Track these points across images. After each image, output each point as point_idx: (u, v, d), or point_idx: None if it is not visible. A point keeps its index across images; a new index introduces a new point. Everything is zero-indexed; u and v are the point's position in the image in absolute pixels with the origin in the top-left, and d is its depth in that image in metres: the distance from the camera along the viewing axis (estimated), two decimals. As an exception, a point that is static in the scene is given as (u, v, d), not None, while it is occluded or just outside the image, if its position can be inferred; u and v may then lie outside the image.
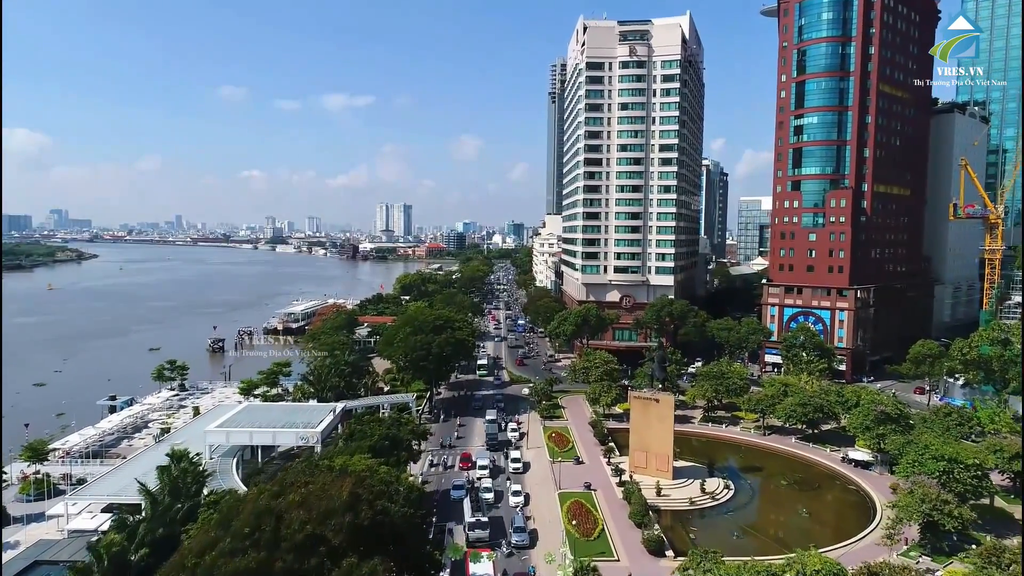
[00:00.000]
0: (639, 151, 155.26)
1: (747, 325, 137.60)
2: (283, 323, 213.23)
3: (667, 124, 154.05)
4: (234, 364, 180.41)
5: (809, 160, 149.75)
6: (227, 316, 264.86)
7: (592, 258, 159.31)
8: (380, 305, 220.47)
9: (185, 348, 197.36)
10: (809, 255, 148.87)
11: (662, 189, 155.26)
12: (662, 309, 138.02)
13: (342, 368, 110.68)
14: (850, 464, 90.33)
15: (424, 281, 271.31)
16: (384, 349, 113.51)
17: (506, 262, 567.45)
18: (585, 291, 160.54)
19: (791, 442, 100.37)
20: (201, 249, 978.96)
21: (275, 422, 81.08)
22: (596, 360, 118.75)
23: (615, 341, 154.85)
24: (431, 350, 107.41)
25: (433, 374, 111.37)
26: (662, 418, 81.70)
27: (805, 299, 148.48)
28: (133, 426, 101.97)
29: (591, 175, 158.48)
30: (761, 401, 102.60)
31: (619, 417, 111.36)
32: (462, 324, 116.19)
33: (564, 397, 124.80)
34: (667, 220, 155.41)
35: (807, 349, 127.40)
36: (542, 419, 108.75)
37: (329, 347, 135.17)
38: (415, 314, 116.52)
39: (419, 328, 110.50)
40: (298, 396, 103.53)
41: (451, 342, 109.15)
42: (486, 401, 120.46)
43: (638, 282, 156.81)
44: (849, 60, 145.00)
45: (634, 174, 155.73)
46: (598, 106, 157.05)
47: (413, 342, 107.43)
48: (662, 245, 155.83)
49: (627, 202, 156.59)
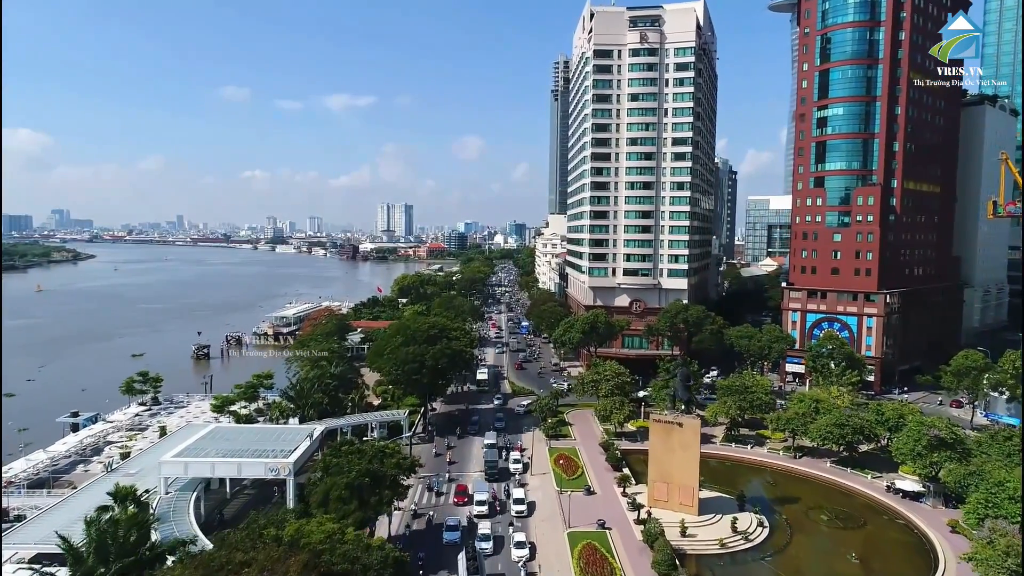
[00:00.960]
0: (650, 145, 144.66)
1: (768, 333, 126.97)
2: (274, 328, 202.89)
3: (681, 116, 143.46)
4: (220, 372, 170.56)
5: (834, 154, 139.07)
6: (219, 319, 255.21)
7: (600, 260, 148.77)
8: (376, 309, 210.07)
9: (169, 354, 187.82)
10: (834, 256, 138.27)
11: (675, 186, 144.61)
12: (677, 315, 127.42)
13: (327, 382, 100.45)
14: (897, 495, 79.84)
15: (423, 283, 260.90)
16: (373, 361, 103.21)
17: (508, 262, 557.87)
18: (592, 295, 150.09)
19: (826, 466, 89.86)
20: (201, 249, 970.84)
21: (243, 449, 70.71)
22: (606, 372, 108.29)
23: (624, 349, 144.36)
24: (425, 363, 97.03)
25: (427, 389, 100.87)
26: (686, 445, 71.26)
27: (829, 304, 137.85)
28: (93, 447, 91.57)
29: (599, 171, 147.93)
30: (791, 420, 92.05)
31: (632, 436, 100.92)
32: (459, 334, 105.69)
33: (571, 411, 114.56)
34: (680, 219, 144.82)
35: (835, 359, 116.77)
36: (547, 438, 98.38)
37: (314, 358, 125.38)
38: (407, 322, 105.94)
39: (412, 338, 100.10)
40: (275, 415, 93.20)
41: (447, 354, 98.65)
42: (485, 417, 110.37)
43: (649, 286, 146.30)
44: (878, 46, 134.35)
45: (645, 170, 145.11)
46: (606, 97, 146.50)
47: (405, 354, 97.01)
48: (675, 246, 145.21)
49: (637, 200, 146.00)
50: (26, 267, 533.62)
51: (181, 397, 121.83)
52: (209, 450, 70.06)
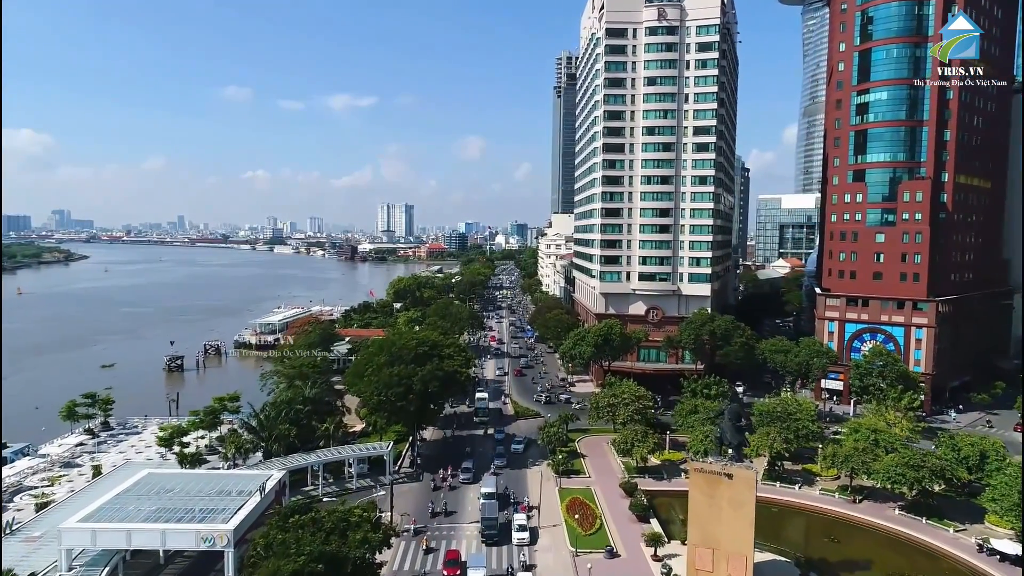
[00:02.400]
0: (669, 135, 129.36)
1: (807, 347, 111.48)
2: (257, 335, 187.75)
3: (704, 102, 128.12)
4: (194, 386, 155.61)
5: (877, 145, 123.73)
6: (204, 324, 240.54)
7: (612, 263, 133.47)
8: (367, 315, 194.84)
9: (142, 365, 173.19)
10: (876, 259, 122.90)
11: (697, 180, 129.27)
12: (702, 326, 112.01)
13: (297, 408, 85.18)
14: (992, 556, 64.60)
15: (419, 286, 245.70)
16: (353, 383, 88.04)
17: (509, 263, 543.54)
18: (603, 302, 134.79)
19: (894, 514, 74.52)
20: (198, 250, 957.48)
21: (174, 509, 55.62)
22: (624, 394, 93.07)
23: (640, 362, 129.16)
24: (412, 386, 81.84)
25: (415, 417, 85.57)
26: (738, 502, 56.04)
27: (872, 313, 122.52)
28: (14, 490, 76.33)
29: (611, 164, 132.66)
30: (850, 458, 76.73)
31: (657, 472, 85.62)
32: (454, 351, 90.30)
33: (582, 437, 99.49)
34: (703, 218, 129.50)
35: (887, 378, 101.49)
36: (557, 476, 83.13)
37: (292, 374, 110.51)
38: (393, 338, 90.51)
39: (397, 357, 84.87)
40: (231, 451, 77.97)
41: (438, 376, 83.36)
42: (482, 448, 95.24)
43: (668, 292, 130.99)
44: (927, 22, 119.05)
45: (663, 162, 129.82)
46: (619, 81, 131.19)
47: (388, 376, 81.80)
48: (697, 248, 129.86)
49: (655, 196, 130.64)
50: (15, 268, 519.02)
51: (136, 421, 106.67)
52: (131, 509, 54.96)
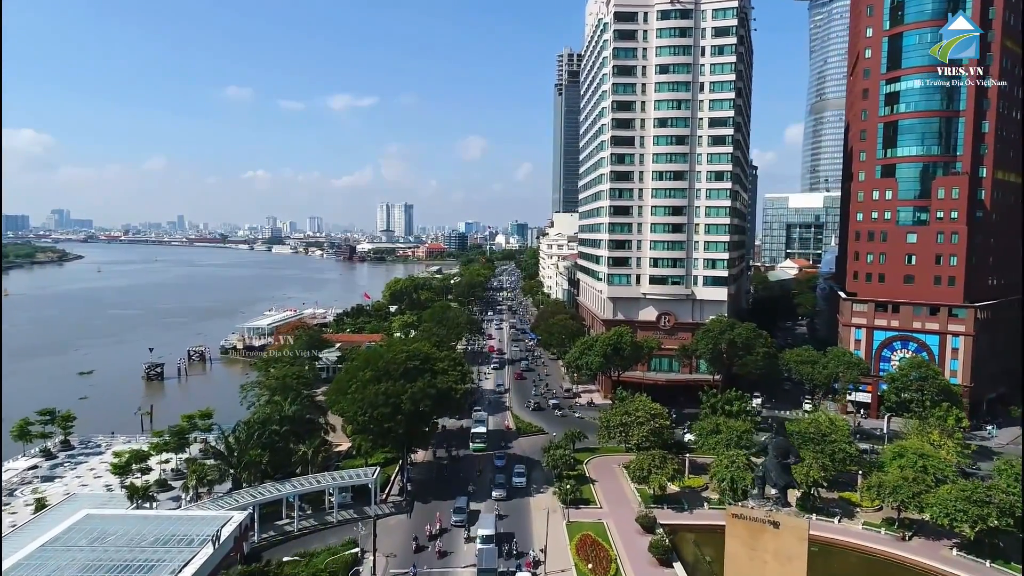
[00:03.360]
0: (683, 127, 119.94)
1: (836, 357, 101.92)
2: (244, 341, 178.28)
3: (720, 91, 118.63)
4: (174, 396, 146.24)
5: (908, 137, 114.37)
6: (193, 327, 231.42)
7: (621, 265, 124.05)
8: (360, 319, 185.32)
9: (122, 372, 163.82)
10: (907, 261, 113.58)
11: (713, 176, 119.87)
12: (721, 334, 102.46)
13: (273, 429, 75.73)
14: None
15: (416, 288, 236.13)
16: (334, 401, 78.60)
17: (510, 264, 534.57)
18: (611, 307, 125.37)
19: (951, 555, 65.11)
20: (196, 250, 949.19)
21: (109, 561, 46.21)
22: (638, 412, 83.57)
23: (651, 372, 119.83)
24: (401, 405, 72.45)
25: (404, 440, 76.09)
26: (786, 556, 46.59)
27: (903, 320, 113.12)
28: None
29: (619, 158, 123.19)
30: (899, 489, 67.26)
31: (676, 502, 76.10)
32: (448, 365, 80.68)
33: (590, 458, 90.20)
34: (719, 216, 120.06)
35: (926, 392, 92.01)
36: (564, 506, 73.74)
37: (272, 387, 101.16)
38: (380, 351, 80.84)
39: (384, 372, 75.43)
40: (192, 482, 68.49)
41: (430, 394, 73.88)
42: (477, 467, 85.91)
43: (681, 296, 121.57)
44: (964, 4, 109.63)
45: (677, 156, 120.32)
46: (629, 69, 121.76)
47: (374, 393, 72.37)
48: (713, 248, 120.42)
49: (667, 193, 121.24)
50: (8, 268, 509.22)
51: (101, 440, 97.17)
52: (53, 567, 45.43)
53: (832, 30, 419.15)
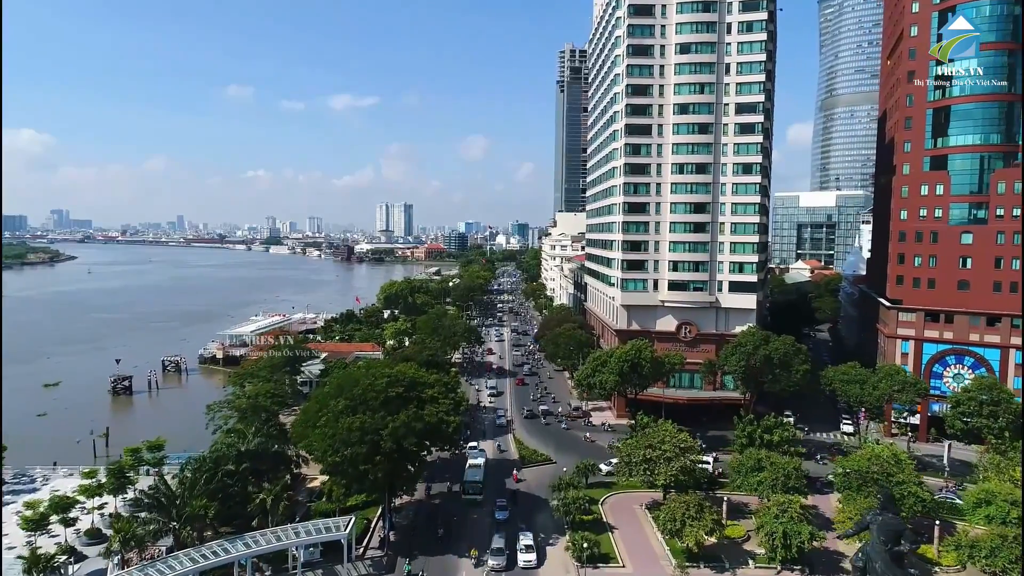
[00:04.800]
0: (706, 114, 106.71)
1: (888, 375, 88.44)
2: (224, 350, 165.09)
3: (749, 73, 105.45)
4: (143, 413, 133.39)
5: (962, 124, 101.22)
6: (178, 332, 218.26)
7: (637, 269, 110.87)
8: (351, 325, 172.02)
9: (89, 384, 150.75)
10: (962, 265, 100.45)
11: (740, 169, 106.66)
12: (756, 350, 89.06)
13: (226, 471, 62.58)
14: None
15: (412, 291, 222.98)
16: (301, 435, 65.36)
17: (510, 265, 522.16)
18: (626, 316, 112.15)
19: (1067, 637, 51.92)
20: (193, 250, 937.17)
21: None
22: (664, 444, 70.29)
23: (671, 389, 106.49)
24: (381, 442, 59.26)
25: (384, 484, 62.78)
26: None
27: (958, 331, 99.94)
28: None
29: (635, 149, 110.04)
30: (998, 550, 54.01)
31: (715, 559, 62.65)
32: (439, 391, 67.13)
33: (607, 496, 77.17)
34: (748, 214, 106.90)
35: (1000, 419, 78.74)
36: (579, 565, 60.55)
37: (242, 407, 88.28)
38: (357, 374, 67.18)
39: (361, 401, 62.20)
40: (116, 544, 55.17)
41: (416, 429, 60.62)
42: (473, 513, 72.63)
43: (703, 303, 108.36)
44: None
45: (700, 147, 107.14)
46: (646, 49, 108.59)
47: (347, 428, 59.17)
48: (740, 250, 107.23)
49: (689, 188, 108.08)
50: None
51: (38, 472, 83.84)
52: None
53: (843, 23, 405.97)
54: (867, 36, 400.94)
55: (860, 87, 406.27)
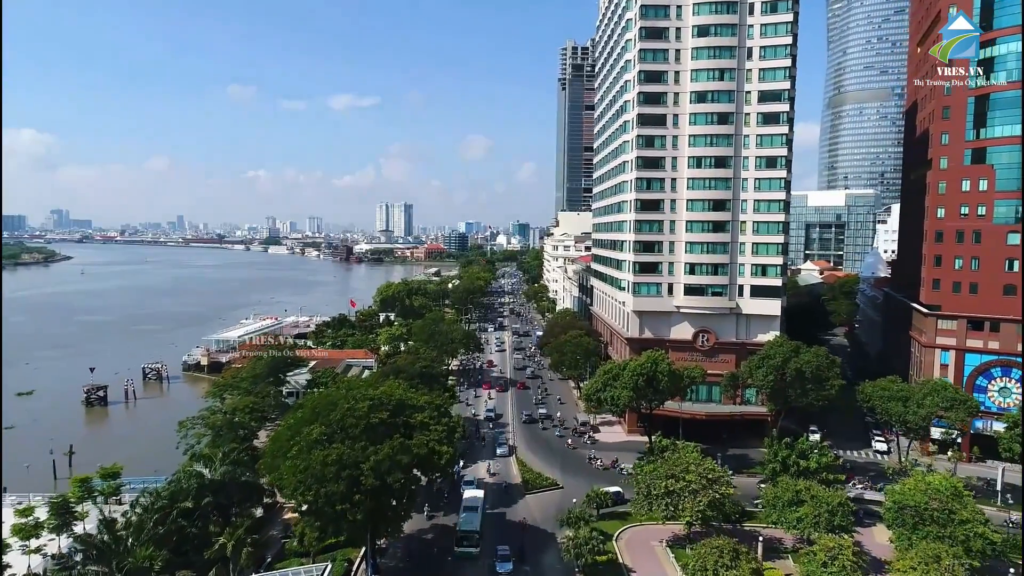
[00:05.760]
0: (727, 102, 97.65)
1: (935, 391, 79.25)
2: (210, 356, 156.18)
3: (774, 58, 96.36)
4: (116, 428, 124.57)
5: (1008, 114, 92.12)
6: (166, 336, 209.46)
7: (650, 272, 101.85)
8: (343, 330, 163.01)
9: (64, 393, 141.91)
10: (1008, 268, 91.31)
11: (764, 163, 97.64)
12: (786, 363, 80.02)
13: (181, 509, 53.56)
14: None
15: (410, 293, 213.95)
16: (270, 467, 56.29)
17: (511, 265, 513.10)
18: (638, 323, 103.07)
19: None
20: (191, 250, 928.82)
21: None
22: (688, 475, 61.26)
23: (686, 402, 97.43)
24: (361, 478, 50.28)
25: (367, 525, 53.62)
26: None
27: (1004, 340, 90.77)
28: None
29: (648, 141, 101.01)
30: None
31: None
32: (429, 416, 57.81)
33: (623, 529, 68.20)
34: (772, 211, 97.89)
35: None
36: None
37: (216, 424, 79.64)
38: (335, 396, 57.82)
39: (339, 429, 53.22)
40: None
41: (400, 462, 51.54)
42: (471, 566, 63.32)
43: (723, 309, 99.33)
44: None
45: (719, 138, 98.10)
46: (660, 31, 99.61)
47: (322, 461, 50.18)
48: (763, 252, 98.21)
49: (707, 183, 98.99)
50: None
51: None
52: None
53: (852, 18, 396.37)
54: (876, 31, 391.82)
55: (869, 84, 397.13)
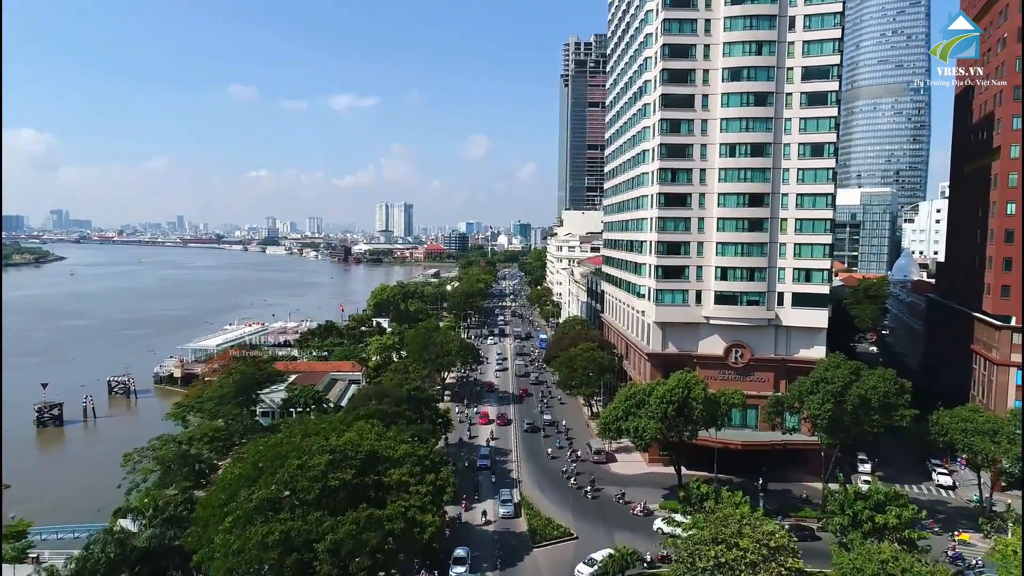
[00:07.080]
0: (765, 80, 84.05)
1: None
2: (184, 367, 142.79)
3: (820, 28, 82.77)
4: (73, 450, 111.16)
5: (1098, 92, 78.74)
6: (148, 341, 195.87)
7: (675, 278, 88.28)
8: (330, 339, 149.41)
9: (20, 408, 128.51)
10: (1096, 273, 77.97)
11: (809, 150, 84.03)
12: (847, 388, 66.44)
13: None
14: None
15: (405, 297, 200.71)
16: (198, 540, 42.79)
17: (513, 266, 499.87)
18: (660, 336, 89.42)
19: None
20: (188, 251, 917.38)
21: None
22: (740, 538, 47.74)
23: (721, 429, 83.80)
24: (314, 566, 36.83)
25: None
26: None
27: (1094, 358, 77.50)
28: None
29: (673, 126, 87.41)
30: None
31: None
32: (410, 473, 43.91)
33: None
34: (818, 207, 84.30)
35: None
36: None
37: (166, 458, 66.77)
38: (285, 444, 43.94)
39: (290, 491, 39.85)
40: None
41: (366, 542, 38.14)
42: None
43: (759, 321, 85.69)
44: None
45: (756, 122, 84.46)
46: (686, 1, 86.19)
47: (261, 543, 36.81)
48: (807, 254, 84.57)
49: (742, 174, 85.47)
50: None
51: None
52: None
53: (866, 11, 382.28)
54: (891, 24, 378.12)
55: (883, 78, 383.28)
